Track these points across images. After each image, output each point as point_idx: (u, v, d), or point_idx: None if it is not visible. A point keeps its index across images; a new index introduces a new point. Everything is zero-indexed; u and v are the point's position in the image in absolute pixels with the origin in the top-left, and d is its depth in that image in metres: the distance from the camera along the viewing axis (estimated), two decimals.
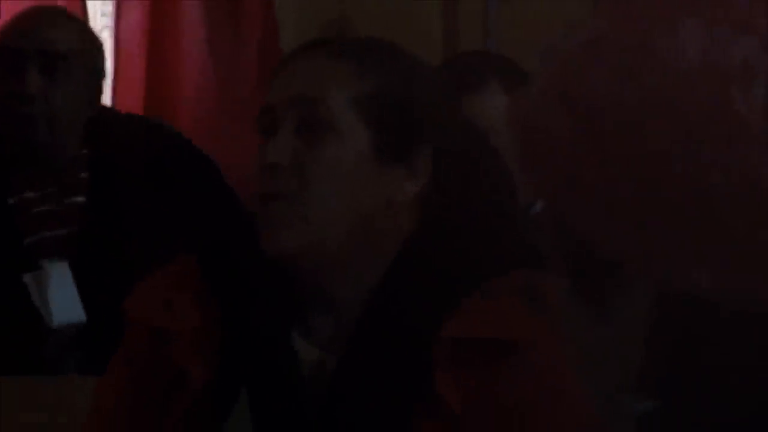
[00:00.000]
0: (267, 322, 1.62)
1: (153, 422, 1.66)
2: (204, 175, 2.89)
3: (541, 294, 1.57)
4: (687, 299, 0.83)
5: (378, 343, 1.58)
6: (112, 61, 3.62)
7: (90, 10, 3.64)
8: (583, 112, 0.85)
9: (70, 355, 2.71)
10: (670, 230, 0.83)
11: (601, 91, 0.84)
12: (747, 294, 0.79)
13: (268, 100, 1.63)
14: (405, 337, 1.57)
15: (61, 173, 2.80)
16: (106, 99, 3.49)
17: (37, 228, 2.76)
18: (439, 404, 1.55)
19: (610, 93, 0.83)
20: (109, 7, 3.66)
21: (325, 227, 1.57)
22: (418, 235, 1.61)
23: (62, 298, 2.70)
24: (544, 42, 0.89)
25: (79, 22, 2.99)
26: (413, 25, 3.78)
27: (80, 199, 2.79)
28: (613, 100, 0.83)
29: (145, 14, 3.61)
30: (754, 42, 0.80)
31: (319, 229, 1.57)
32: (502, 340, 1.54)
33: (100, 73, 2.88)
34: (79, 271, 2.75)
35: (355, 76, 1.59)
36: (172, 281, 1.67)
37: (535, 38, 3.31)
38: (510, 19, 3.78)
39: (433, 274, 1.58)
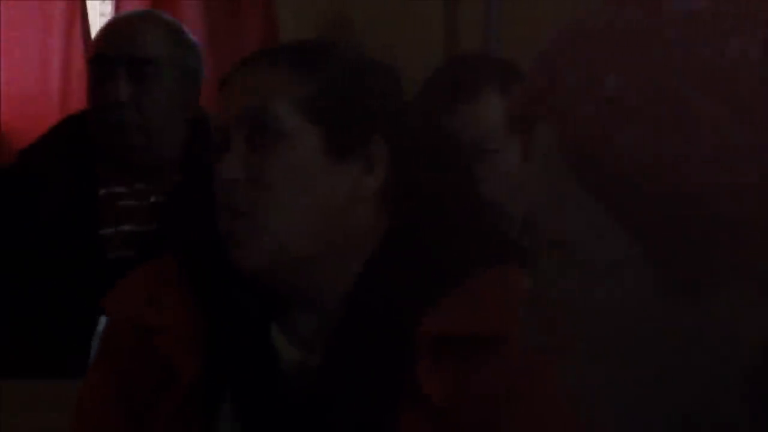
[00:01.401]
0: (244, 320, 1.64)
1: (141, 421, 1.67)
2: None
3: (520, 289, 1.55)
4: None
5: (360, 341, 1.61)
6: None
7: (90, 10, 3.68)
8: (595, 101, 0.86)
9: None
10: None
11: (614, 82, 0.85)
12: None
13: (217, 121, 1.67)
14: (386, 333, 1.60)
15: (153, 172, 2.87)
16: None
17: (115, 221, 2.85)
18: (421, 398, 1.57)
19: (624, 85, 0.83)
20: (109, 8, 3.70)
21: (290, 234, 1.59)
22: (392, 232, 1.63)
23: None
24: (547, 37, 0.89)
25: (170, 24, 3.03)
26: (414, 23, 3.78)
27: (153, 202, 2.88)
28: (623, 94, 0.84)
29: None
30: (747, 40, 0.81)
31: (285, 238, 1.59)
32: (481, 336, 1.57)
33: (195, 74, 2.93)
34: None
35: (296, 81, 1.62)
36: (154, 278, 1.68)
37: (537, 35, 3.36)
38: (512, 16, 3.78)
39: (412, 271, 1.61)
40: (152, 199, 2.84)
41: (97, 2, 3.71)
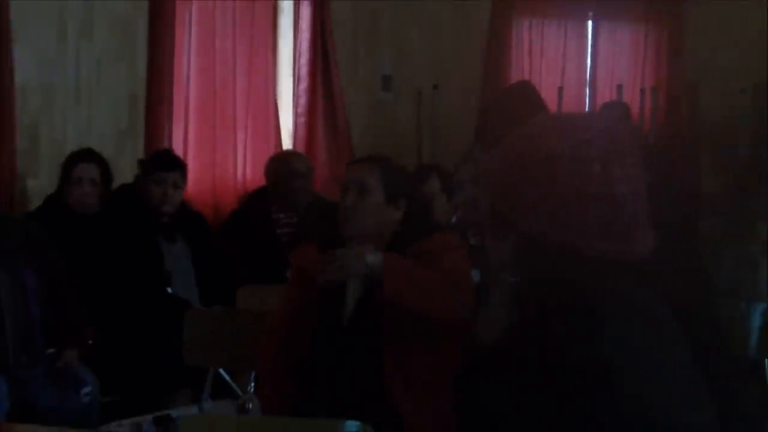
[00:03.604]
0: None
1: (301, 305, 2.97)
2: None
3: (451, 239, 2.99)
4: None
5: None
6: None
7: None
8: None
9: None
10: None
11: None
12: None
13: (344, 181, 2.90)
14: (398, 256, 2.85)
15: (296, 207, 4.82)
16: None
17: (281, 228, 4.77)
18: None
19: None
20: (290, 20, 5.32)
21: (366, 228, 2.90)
22: (401, 228, 2.95)
23: None
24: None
25: (305, 157, 4.92)
26: (401, 148, 5.97)
27: (296, 220, 4.65)
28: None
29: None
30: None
31: (364, 228, 2.89)
32: (428, 250, 2.88)
33: (312, 175, 4.81)
34: (285, 252, 3.75)
35: (376, 169, 2.91)
36: (307, 248, 3.02)
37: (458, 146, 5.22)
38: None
39: (406, 236, 2.90)
40: (294, 219, 4.81)
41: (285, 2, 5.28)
